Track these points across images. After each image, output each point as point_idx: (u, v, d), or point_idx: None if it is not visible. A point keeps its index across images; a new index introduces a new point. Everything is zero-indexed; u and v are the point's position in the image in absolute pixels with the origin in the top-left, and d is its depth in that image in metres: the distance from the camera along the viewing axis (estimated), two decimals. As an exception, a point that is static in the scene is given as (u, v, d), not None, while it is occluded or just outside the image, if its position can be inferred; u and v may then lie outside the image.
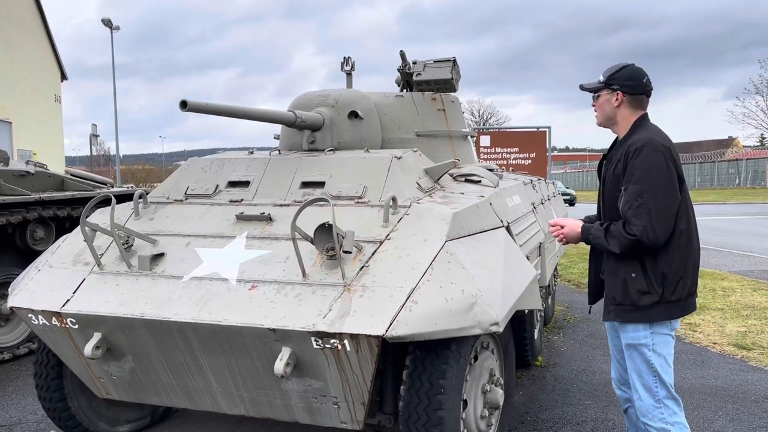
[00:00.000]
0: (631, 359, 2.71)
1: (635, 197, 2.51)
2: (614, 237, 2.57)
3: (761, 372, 4.83)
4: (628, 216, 2.52)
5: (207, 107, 3.09)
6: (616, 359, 2.97)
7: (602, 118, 2.76)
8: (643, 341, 2.64)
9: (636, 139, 2.59)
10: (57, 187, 6.40)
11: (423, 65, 4.84)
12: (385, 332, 2.38)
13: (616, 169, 2.63)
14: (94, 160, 29.23)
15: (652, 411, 2.67)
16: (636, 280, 2.59)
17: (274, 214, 3.09)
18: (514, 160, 12.39)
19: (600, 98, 2.72)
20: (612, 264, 2.68)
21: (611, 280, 2.69)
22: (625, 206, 2.54)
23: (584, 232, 2.74)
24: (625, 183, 2.56)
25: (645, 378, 2.67)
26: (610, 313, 2.71)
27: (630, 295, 2.61)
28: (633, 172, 2.53)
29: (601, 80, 2.71)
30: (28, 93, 21.67)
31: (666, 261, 2.57)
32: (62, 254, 3.21)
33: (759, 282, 8.34)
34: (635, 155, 2.53)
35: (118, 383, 3.12)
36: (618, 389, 3.03)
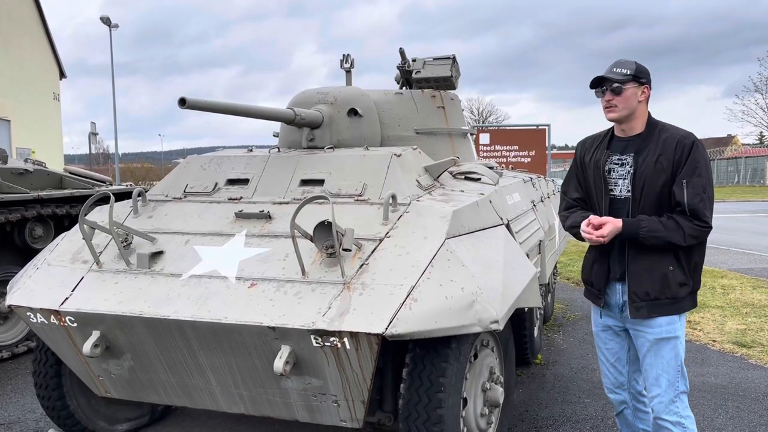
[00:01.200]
0: (658, 355, 2.67)
1: (702, 189, 2.54)
2: (674, 229, 2.53)
3: (761, 370, 4.82)
4: (699, 207, 2.52)
5: (206, 105, 3.08)
6: (610, 363, 2.91)
7: (626, 112, 2.64)
8: (677, 333, 2.65)
9: (683, 133, 2.61)
10: (56, 185, 6.39)
11: (422, 63, 4.83)
12: (385, 330, 2.38)
13: (658, 164, 2.57)
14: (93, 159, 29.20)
15: (669, 406, 2.66)
16: (675, 272, 2.60)
17: (273, 212, 3.08)
18: (514, 157, 12.38)
19: (627, 91, 2.61)
20: (644, 260, 2.62)
21: (644, 276, 2.62)
22: (694, 198, 2.52)
23: (631, 227, 2.58)
24: (686, 176, 2.54)
25: (670, 372, 2.66)
26: (640, 309, 2.63)
27: (671, 288, 2.60)
28: (695, 165, 2.54)
29: (628, 73, 2.61)
30: (27, 91, 21.64)
31: (698, 251, 2.65)
32: (61, 252, 3.20)
33: (759, 280, 8.34)
34: (693, 149, 2.56)
35: (117, 381, 3.11)
36: (612, 393, 2.97)
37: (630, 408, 2.96)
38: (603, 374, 2.98)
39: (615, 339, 2.87)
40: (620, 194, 2.70)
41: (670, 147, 2.57)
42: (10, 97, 20.28)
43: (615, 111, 2.65)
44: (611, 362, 2.91)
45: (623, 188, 2.69)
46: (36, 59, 22.75)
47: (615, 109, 2.65)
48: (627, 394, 2.94)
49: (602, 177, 2.73)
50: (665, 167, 2.57)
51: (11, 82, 20.67)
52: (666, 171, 2.57)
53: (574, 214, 2.84)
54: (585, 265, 2.94)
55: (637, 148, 2.66)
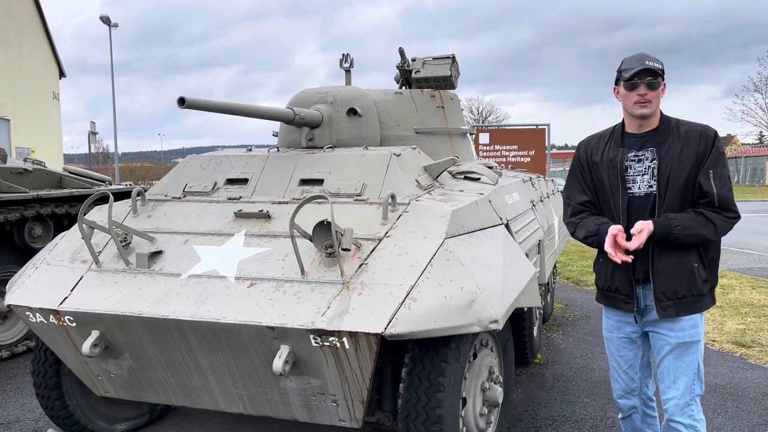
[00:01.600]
0: (679, 358, 2.62)
1: (728, 179, 2.54)
2: (705, 225, 2.50)
3: (760, 369, 4.83)
4: (729, 197, 2.52)
5: (205, 104, 3.07)
6: (622, 370, 2.81)
7: (656, 108, 2.59)
8: (699, 337, 2.62)
9: (702, 125, 2.61)
10: (55, 184, 6.38)
11: (422, 62, 4.83)
12: (384, 330, 2.38)
13: (681, 156, 2.54)
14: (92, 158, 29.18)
15: (684, 409, 2.62)
16: (699, 269, 2.58)
17: (272, 212, 3.08)
18: (514, 157, 12.38)
19: (660, 86, 2.55)
20: (671, 259, 2.56)
21: (671, 275, 2.56)
22: (723, 188, 2.51)
23: (662, 227, 2.49)
24: (712, 166, 2.52)
25: (689, 375, 2.62)
26: (667, 309, 2.57)
27: (697, 285, 2.57)
28: (718, 156, 2.54)
29: (661, 67, 2.54)
30: (27, 90, 21.64)
31: (715, 247, 2.65)
32: (60, 252, 3.20)
33: (758, 279, 8.35)
34: (716, 140, 2.56)
35: (117, 381, 3.11)
36: (622, 399, 2.87)
37: (639, 413, 2.89)
38: (614, 380, 2.89)
39: (630, 346, 2.78)
40: (639, 191, 2.61)
41: (694, 138, 2.55)
42: (10, 96, 20.27)
43: (649, 107, 2.54)
44: (623, 369, 2.82)
45: (642, 185, 2.60)
46: (35, 58, 22.74)
47: (649, 104, 2.54)
48: (638, 399, 2.86)
49: (619, 175, 2.62)
50: (689, 158, 2.53)
51: (11, 81, 20.67)
52: (690, 162, 2.53)
53: (585, 222, 2.70)
54: (600, 270, 2.78)
55: (657, 142, 2.60)
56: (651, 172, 2.59)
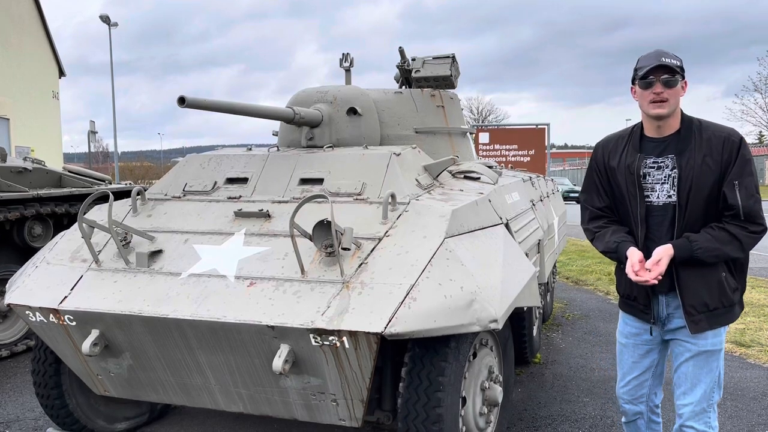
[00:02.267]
0: (699, 366, 2.52)
1: (756, 190, 2.38)
2: (729, 242, 2.36)
3: (759, 369, 4.83)
4: (756, 209, 2.36)
5: (205, 104, 3.07)
6: (633, 376, 2.72)
7: (673, 108, 2.41)
8: (721, 345, 2.52)
9: (729, 130, 2.43)
10: (55, 183, 6.38)
11: (422, 62, 4.83)
12: (384, 329, 2.38)
13: (704, 164, 2.37)
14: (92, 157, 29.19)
15: (700, 414, 2.53)
16: (728, 278, 2.47)
17: (272, 211, 3.08)
18: (513, 157, 12.38)
19: (678, 84, 2.39)
20: (695, 272, 2.43)
21: (699, 287, 2.44)
22: (749, 200, 2.35)
23: (683, 251, 2.38)
24: (737, 176, 2.35)
25: (708, 383, 2.53)
26: (699, 323, 2.45)
27: (728, 296, 2.46)
28: (744, 164, 2.37)
29: (680, 64, 2.38)
30: (26, 89, 21.64)
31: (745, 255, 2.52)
32: (60, 251, 3.20)
33: (757, 279, 8.35)
34: (741, 147, 2.37)
35: (116, 380, 3.11)
36: (628, 404, 2.78)
37: (644, 419, 2.82)
38: (622, 384, 2.78)
39: (647, 354, 2.68)
40: (658, 201, 2.47)
41: (717, 146, 2.37)
42: (9, 95, 20.27)
43: (665, 106, 2.38)
44: (634, 375, 2.73)
45: (662, 194, 2.46)
46: (35, 57, 22.74)
47: (666, 104, 2.37)
48: (644, 406, 2.79)
49: (636, 183, 2.48)
50: (713, 168, 2.36)
51: (10, 80, 20.67)
52: (714, 172, 2.36)
53: (604, 235, 2.59)
54: (621, 277, 2.67)
55: (677, 148, 2.43)
56: (671, 182, 2.43)
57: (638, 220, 2.51)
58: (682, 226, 2.44)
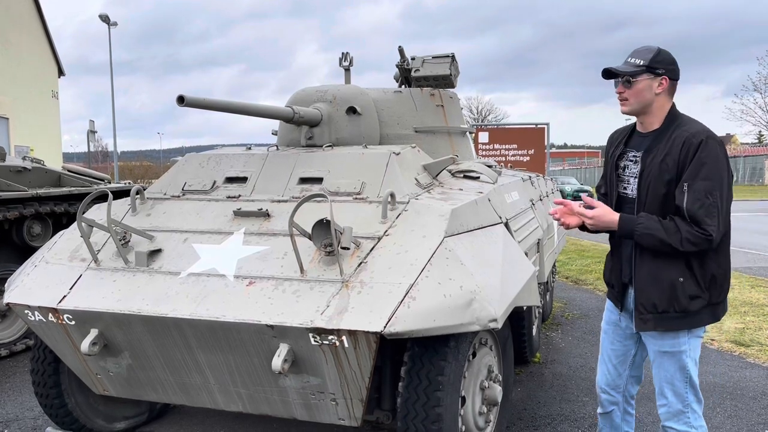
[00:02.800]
0: (662, 367, 2.56)
1: (706, 195, 2.31)
2: (673, 232, 2.34)
3: (759, 369, 4.83)
4: (700, 215, 2.31)
5: (204, 102, 3.07)
6: (611, 364, 2.80)
7: (638, 106, 2.47)
8: (682, 347, 2.50)
9: (694, 131, 2.40)
10: (54, 183, 6.38)
11: (421, 61, 4.82)
12: (384, 329, 2.37)
13: (663, 164, 2.41)
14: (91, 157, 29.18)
15: (678, 416, 2.56)
16: (685, 284, 2.41)
17: (271, 210, 3.07)
18: (513, 156, 12.38)
19: (638, 83, 2.43)
20: (650, 268, 2.46)
21: (650, 286, 2.46)
22: (694, 204, 2.32)
23: (627, 223, 2.42)
24: (689, 179, 2.34)
25: (676, 384, 2.55)
26: (647, 322, 2.48)
27: (680, 301, 2.41)
28: (699, 167, 2.33)
29: (641, 63, 2.43)
30: (25, 89, 21.64)
31: (716, 261, 2.43)
32: (59, 250, 3.20)
33: (757, 279, 8.35)
34: (700, 148, 2.34)
35: (116, 380, 3.11)
36: (604, 393, 2.86)
37: (620, 410, 2.88)
38: (600, 372, 2.87)
39: (624, 342, 2.75)
40: (631, 193, 2.56)
41: (678, 146, 2.38)
42: (9, 94, 20.27)
43: (626, 104, 2.49)
44: (613, 363, 2.80)
45: (634, 187, 2.55)
46: (34, 57, 22.74)
47: (626, 102, 2.49)
48: (620, 396, 2.85)
49: (615, 174, 2.60)
50: (670, 168, 2.39)
51: (9, 79, 20.66)
52: (671, 172, 2.39)
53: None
54: (606, 265, 2.83)
55: (648, 145, 2.50)
56: (637, 177, 2.53)
57: (612, 209, 2.61)
58: None
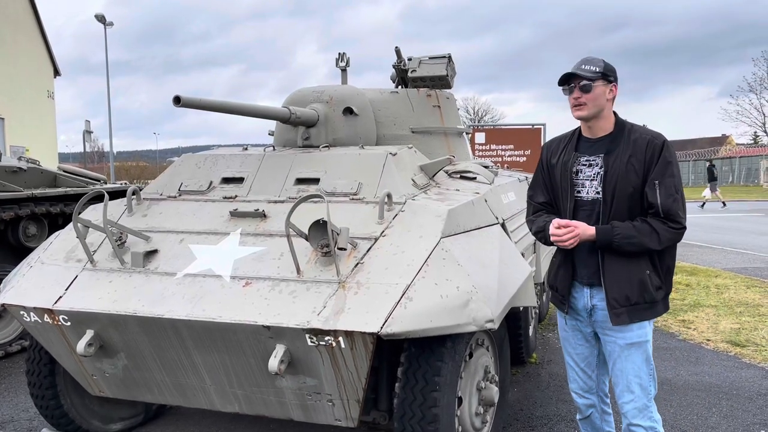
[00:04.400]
0: (630, 360, 2.63)
1: (675, 190, 2.51)
2: (649, 234, 2.48)
3: (755, 369, 4.84)
4: (674, 208, 2.49)
5: (200, 103, 3.07)
6: (579, 368, 2.87)
7: (594, 110, 2.58)
8: (647, 337, 2.63)
9: (653, 133, 2.58)
10: (50, 183, 6.37)
11: (418, 62, 4.82)
12: (380, 329, 2.37)
13: (629, 164, 2.53)
14: (87, 157, 29.11)
15: (643, 411, 2.64)
16: (652, 276, 2.57)
17: (268, 211, 3.07)
18: (509, 157, 12.39)
19: (596, 89, 2.55)
20: (620, 265, 2.56)
21: (622, 282, 2.56)
22: (667, 199, 2.49)
23: (605, 234, 2.52)
24: (658, 176, 2.50)
25: (642, 377, 2.63)
26: (621, 315, 2.57)
27: (650, 292, 2.56)
28: (666, 165, 2.51)
29: (597, 70, 2.55)
30: (21, 89, 21.58)
31: (670, 254, 2.62)
32: (54, 251, 3.19)
33: (752, 279, 8.38)
34: (664, 149, 2.53)
35: (111, 381, 3.10)
36: (580, 398, 2.91)
37: (598, 411, 2.92)
38: (571, 379, 2.93)
39: (584, 344, 2.82)
40: (587, 196, 2.63)
41: (641, 147, 2.53)
42: (4, 94, 20.21)
43: (584, 109, 2.58)
44: (581, 367, 2.86)
45: (591, 190, 2.63)
46: (30, 57, 22.68)
47: (584, 107, 2.58)
48: (596, 397, 2.90)
49: (569, 179, 2.66)
50: (636, 168, 2.53)
51: (5, 79, 20.61)
52: (638, 172, 2.53)
53: (538, 219, 2.77)
54: (550, 269, 2.89)
55: (606, 148, 2.61)
56: (599, 179, 2.60)
57: (568, 213, 2.68)
58: (606, 221, 2.59)
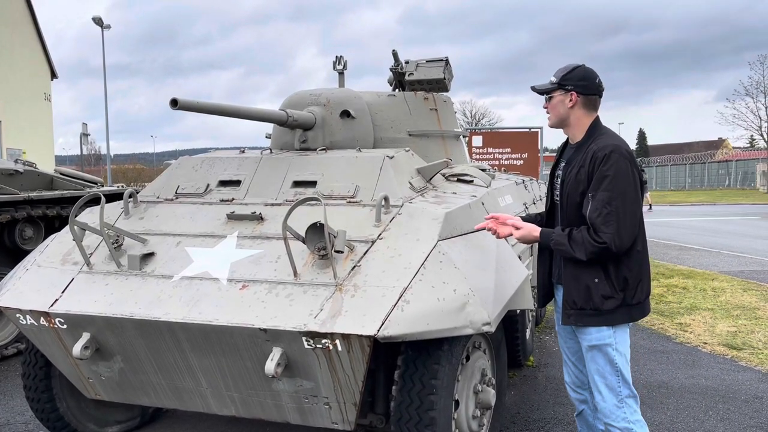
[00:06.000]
0: (594, 361, 2.68)
1: (604, 204, 2.49)
2: (579, 244, 2.53)
3: (751, 372, 4.85)
4: (597, 223, 2.49)
5: (197, 106, 3.07)
6: (571, 362, 2.94)
7: (555, 120, 2.71)
8: (607, 341, 2.63)
9: (602, 144, 2.57)
10: (46, 186, 6.36)
11: (415, 65, 4.84)
12: (377, 332, 2.37)
13: (578, 175, 2.59)
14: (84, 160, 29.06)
15: (615, 411, 2.66)
16: (599, 285, 2.57)
17: (265, 214, 3.07)
18: (506, 160, 12.41)
19: (553, 99, 2.67)
20: (572, 269, 2.62)
21: (572, 285, 2.63)
22: (593, 213, 2.50)
23: (544, 237, 2.65)
24: (593, 190, 2.53)
25: (608, 378, 2.65)
26: (570, 317, 2.66)
27: (593, 300, 2.58)
28: (602, 179, 2.51)
29: (554, 81, 2.66)
30: (18, 91, 21.55)
31: (627, 265, 2.58)
32: (51, 253, 3.18)
33: (749, 282, 8.39)
34: (603, 162, 2.51)
35: (108, 384, 3.09)
36: (573, 392, 3.00)
37: (590, 407, 2.97)
38: (565, 372, 3.01)
39: (573, 338, 2.87)
40: (557, 200, 2.77)
41: (588, 158, 2.57)
42: (1, 97, 20.17)
43: (549, 118, 2.74)
44: (572, 361, 2.94)
45: (558, 195, 2.77)
46: (27, 59, 22.64)
47: (549, 116, 2.73)
48: (588, 393, 2.94)
49: (552, 182, 2.84)
50: (582, 179, 2.58)
51: (1, 82, 20.58)
52: (583, 183, 2.58)
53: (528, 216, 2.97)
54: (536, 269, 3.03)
55: (569, 157, 2.71)
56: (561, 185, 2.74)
57: (545, 213, 2.94)
58: (565, 225, 2.69)
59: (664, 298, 7.45)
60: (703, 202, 28.51)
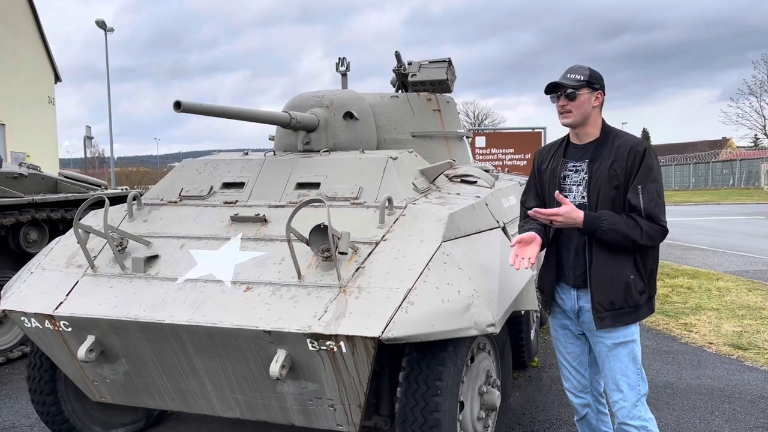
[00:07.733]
0: (617, 359, 2.66)
1: (657, 195, 2.56)
2: (634, 227, 2.51)
3: (757, 372, 4.83)
4: (656, 212, 2.55)
5: (201, 108, 3.07)
6: (572, 366, 2.90)
7: (580, 118, 2.66)
8: (633, 336, 2.66)
9: (634, 140, 2.64)
10: (50, 189, 6.37)
11: (418, 66, 4.83)
12: (381, 334, 2.37)
13: (611, 170, 2.59)
14: (88, 162, 29.16)
15: (632, 410, 2.66)
16: (636, 280, 2.60)
17: (269, 216, 3.07)
18: (510, 160, 12.39)
19: (580, 97, 2.63)
20: (608, 269, 2.59)
21: (608, 285, 2.59)
22: (650, 204, 2.54)
23: (592, 219, 2.54)
24: (641, 182, 2.56)
25: (630, 376, 2.66)
26: (605, 320, 2.61)
27: (633, 297, 2.59)
28: (648, 171, 2.57)
29: (582, 79, 2.63)
30: (22, 95, 21.61)
31: (652, 257, 2.66)
32: (55, 256, 3.19)
33: (754, 282, 8.36)
34: (646, 155, 2.58)
35: (112, 386, 3.10)
36: (575, 397, 2.95)
37: (593, 411, 2.95)
38: (565, 378, 2.96)
39: (575, 342, 2.85)
40: (573, 201, 2.68)
41: (623, 154, 2.59)
42: (5, 101, 20.24)
43: (569, 116, 2.66)
44: (573, 366, 2.90)
45: (577, 194, 2.69)
46: (30, 63, 22.71)
47: (569, 114, 2.65)
48: (590, 396, 2.93)
49: (557, 184, 2.73)
50: (618, 174, 2.59)
51: (5, 85, 20.64)
52: (619, 177, 2.59)
53: (528, 224, 2.78)
54: (539, 273, 2.93)
55: (591, 155, 2.68)
56: (584, 184, 2.68)
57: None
58: None
59: (669, 298, 7.42)
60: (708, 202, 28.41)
